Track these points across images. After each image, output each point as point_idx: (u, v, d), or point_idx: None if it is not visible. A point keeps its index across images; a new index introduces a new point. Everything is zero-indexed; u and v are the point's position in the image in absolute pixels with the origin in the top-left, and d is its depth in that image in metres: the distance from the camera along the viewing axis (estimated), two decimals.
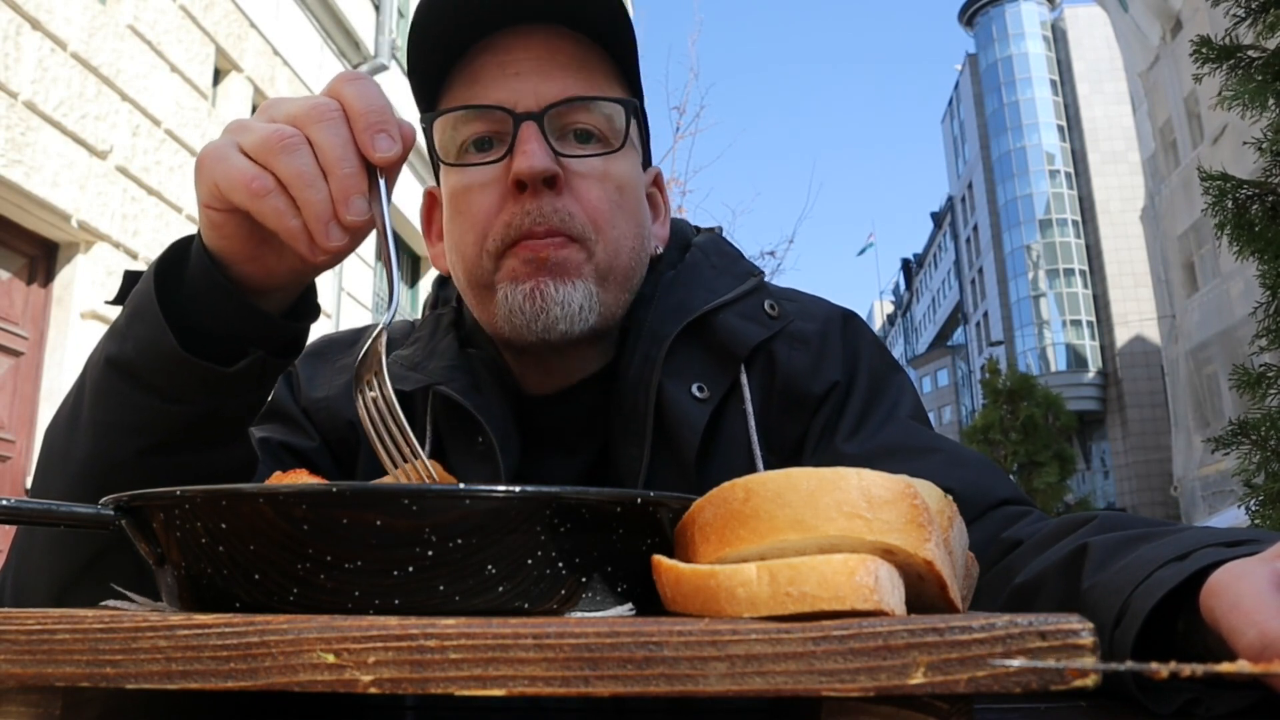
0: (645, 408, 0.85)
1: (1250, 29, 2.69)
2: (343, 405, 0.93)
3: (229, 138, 0.64)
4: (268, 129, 0.61)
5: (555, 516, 0.46)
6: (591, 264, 0.84)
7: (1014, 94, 47.09)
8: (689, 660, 0.38)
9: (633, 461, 0.86)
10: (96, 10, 5.53)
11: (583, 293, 0.82)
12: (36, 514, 0.54)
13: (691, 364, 0.88)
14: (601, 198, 0.84)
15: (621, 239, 0.86)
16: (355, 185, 0.61)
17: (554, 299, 0.81)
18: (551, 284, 0.81)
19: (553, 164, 0.81)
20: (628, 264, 0.87)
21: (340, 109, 0.62)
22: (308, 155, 0.60)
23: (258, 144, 0.61)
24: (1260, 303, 2.61)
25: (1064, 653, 0.36)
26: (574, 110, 0.84)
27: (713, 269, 0.94)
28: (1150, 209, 24.32)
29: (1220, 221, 2.60)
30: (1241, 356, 2.62)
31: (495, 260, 0.83)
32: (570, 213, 0.82)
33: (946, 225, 57.88)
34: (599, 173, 0.84)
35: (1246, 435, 2.47)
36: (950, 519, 0.50)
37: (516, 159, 0.80)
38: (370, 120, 0.61)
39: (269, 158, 0.61)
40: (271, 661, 0.39)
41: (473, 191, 0.84)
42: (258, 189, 0.60)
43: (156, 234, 6.00)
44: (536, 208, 0.81)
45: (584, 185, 0.83)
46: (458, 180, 0.85)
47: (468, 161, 0.84)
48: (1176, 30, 19.78)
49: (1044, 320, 45.24)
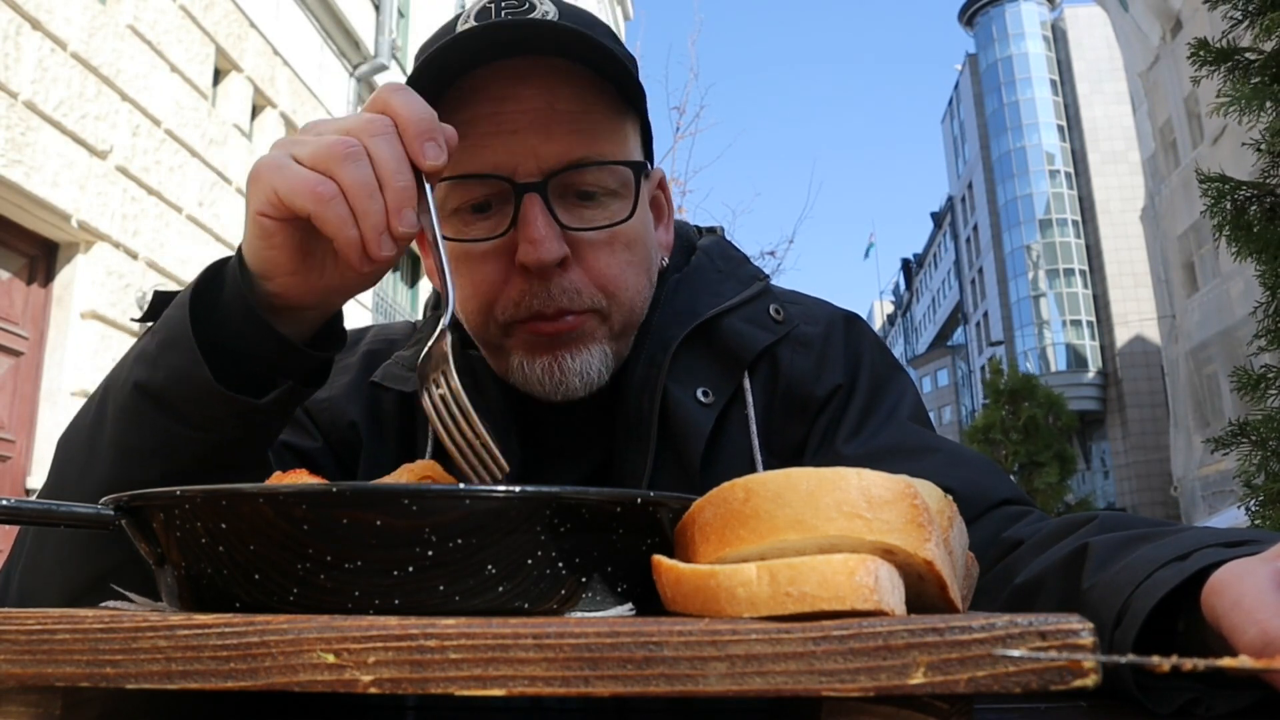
0: (650, 412, 0.85)
1: (1248, 31, 2.69)
2: (345, 406, 0.93)
3: (281, 151, 0.64)
4: (327, 139, 0.62)
5: (555, 517, 0.46)
6: (605, 327, 0.83)
7: (1014, 94, 47.08)
8: (689, 660, 0.38)
9: (636, 467, 0.85)
10: (96, 10, 5.53)
11: (599, 356, 0.82)
12: (36, 514, 0.54)
13: (697, 369, 0.87)
14: (611, 263, 0.83)
15: (634, 295, 0.85)
16: (409, 198, 0.62)
17: (572, 370, 0.81)
18: (568, 356, 0.81)
19: (560, 248, 0.79)
20: (640, 311, 0.87)
21: (392, 123, 0.62)
22: (368, 165, 0.61)
23: (319, 153, 0.62)
24: (1260, 303, 2.61)
25: (1064, 652, 0.36)
26: (578, 174, 0.81)
27: (718, 273, 0.94)
28: (1150, 209, 24.32)
29: (1218, 223, 2.60)
30: (1241, 356, 2.62)
31: (504, 329, 0.83)
32: (579, 290, 0.81)
33: (946, 225, 57.88)
34: (607, 238, 0.82)
35: (1246, 436, 2.47)
36: (950, 519, 0.50)
37: (522, 246, 0.78)
38: (420, 129, 0.62)
39: (331, 166, 0.61)
40: (271, 661, 0.39)
41: (475, 260, 0.82)
42: (323, 193, 0.61)
43: (156, 234, 6.00)
44: (545, 290, 0.79)
45: (592, 255, 0.82)
46: (459, 250, 0.82)
47: (469, 237, 0.82)
48: (1176, 30, 19.78)
49: (1044, 320, 45.23)
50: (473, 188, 0.81)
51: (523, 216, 0.78)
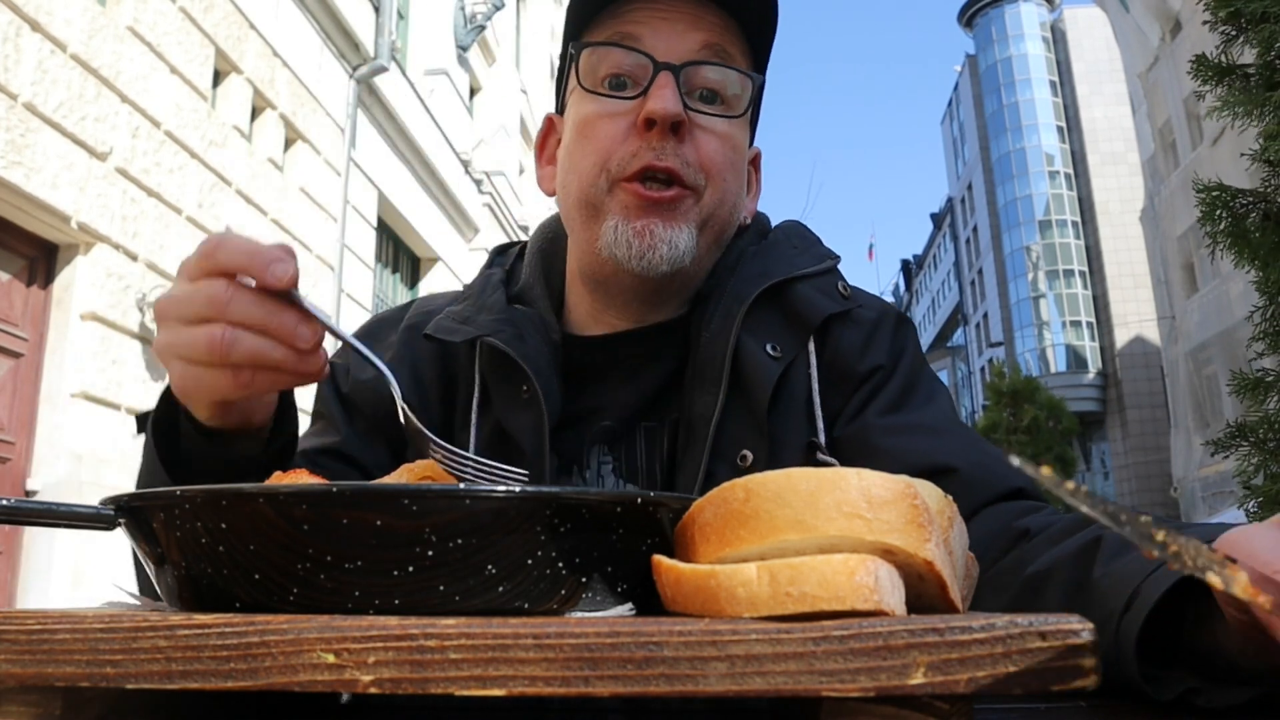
0: (723, 359, 0.91)
1: (1244, 46, 2.69)
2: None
3: (167, 353, 0.69)
4: (197, 337, 0.66)
5: (555, 517, 0.46)
6: (697, 209, 0.91)
7: (1013, 95, 47.10)
8: (689, 660, 0.38)
9: (706, 407, 0.91)
10: (96, 12, 5.54)
11: (686, 235, 0.90)
12: (37, 514, 0.54)
13: (768, 325, 0.94)
14: (717, 151, 0.91)
15: (726, 192, 0.93)
16: (291, 323, 0.66)
17: (661, 238, 0.88)
18: (660, 224, 0.88)
19: (682, 111, 0.88)
20: (726, 217, 0.95)
21: (228, 283, 0.66)
22: (247, 336, 0.65)
23: (202, 353, 0.66)
24: (1257, 307, 2.60)
25: (1064, 653, 0.37)
26: (707, 70, 0.91)
27: (793, 248, 1.02)
28: (1150, 210, 24.33)
29: (1211, 231, 2.60)
30: (1241, 358, 2.61)
31: (611, 184, 0.90)
32: (688, 160, 0.89)
33: (946, 226, 57.90)
34: (718, 130, 0.92)
35: (1245, 437, 2.47)
36: (950, 519, 0.50)
37: (651, 100, 0.87)
38: (256, 264, 0.65)
39: (218, 359, 0.66)
40: (271, 661, 0.39)
41: (603, 120, 0.91)
42: (240, 381, 0.67)
43: (156, 235, 6.00)
44: (661, 146, 0.88)
45: (703, 137, 0.91)
46: (592, 108, 0.92)
47: (604, 93, 0.91)
48: (1176, 31, 19.79)
49: (1044, 321, 45.22)
50: (617, 58, 0.91)
51: (655, 83, 0.88)
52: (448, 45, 11.32)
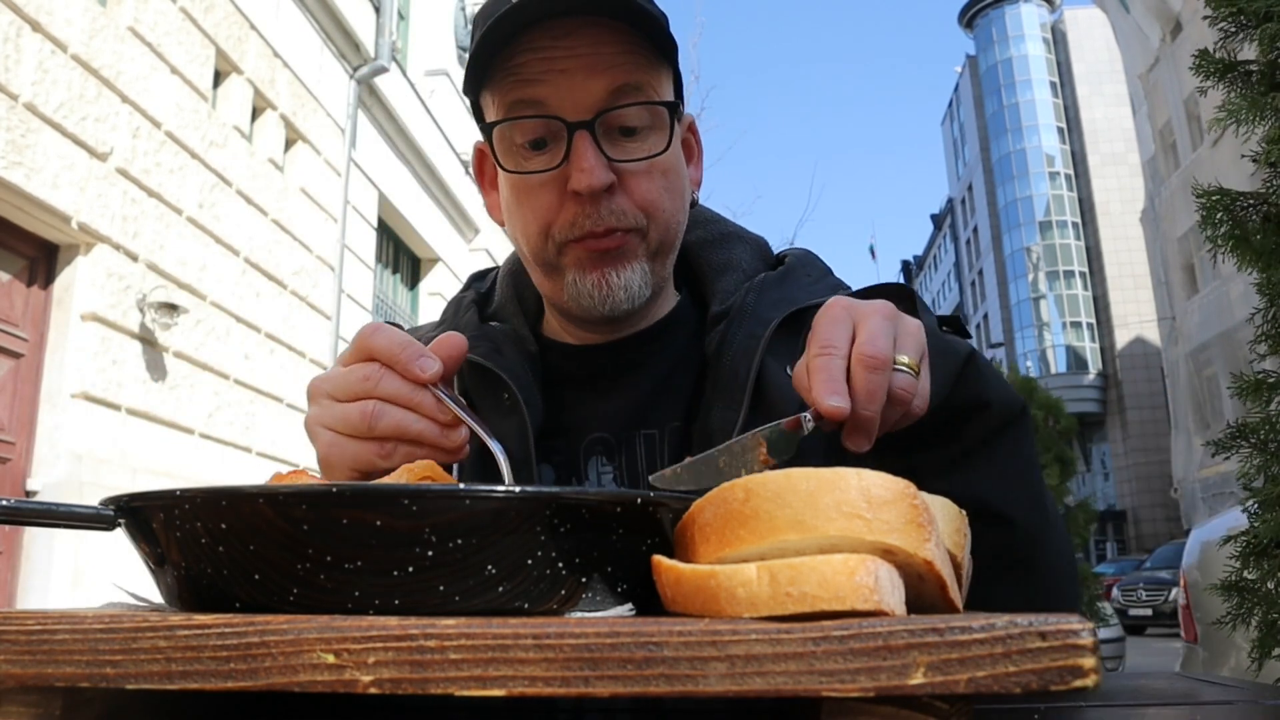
0: (746, 377, 0.95)
1: (1246, 43, 2.69)
2: None
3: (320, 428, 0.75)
4: (350, 409, 0.73)
5: (555, 517, 0.46)
6: (644, 245, 0.94)
7: (1014, 96, 47.11)
8: (689, 660, 0.37)
9: (726, 420, 0.94)
10: (97, 12, 5.54)
11: (640, 274, 0.94)
12: (37, 514, 0.54)
13: (788, 349, 0.97)
14: (651, 189, 0.94)
15: (670, 218, 0.96)
16: (431, 402, 0.72)
17: (617, 284, 0.93)
18: (614, 272, 0.93)
19: (607, 175, 0.90)
20: (674, 235, 0.98)
21: (381, 366, 0.73)
22: (392, 409, 0.72)
23: (349, 423, 0.73)
24: (1258, 308, 2.60)
25: (1064, 653, 0.37)
26: (622, 112, 0.92)
27: (808, 277, 1.05)
28: (1150, 211, 24.33)
29: (1211, 235, 2.60)
30: (1242, 359, 2.61)
31: (559, 248, 0.94)
32: (624, 210, 0.92)
33: (946, 227, 57.90)
34: (647, 168, 0.94)
35: (1246, 439, 2.46)
36: (964, 534, 0.53)
37: (574, 175, 0.89)
38: (406, 356, 0.72)
39: (364, 430, 0.72)
40: (271, 661, 0.39)
41: (534, 190, 0.93)
42: (384, 451, 0.73)
43: (156, 235, 6.00)
44: (595, 211, 0.91)
45: (635, 182, 0.93)
46: (520, 181, 0.94)
47: (526, 169, 0.93)
48: (1176, 32, 19.79)
49: (1044, 322, 45.24)
50: (529, 126, 0.92)
51: (575, 150, 0.89)
52: (448, 45, 11.33)
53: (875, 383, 0.66)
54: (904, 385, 0.68)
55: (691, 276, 1.08)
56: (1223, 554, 2.47)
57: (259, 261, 7.15)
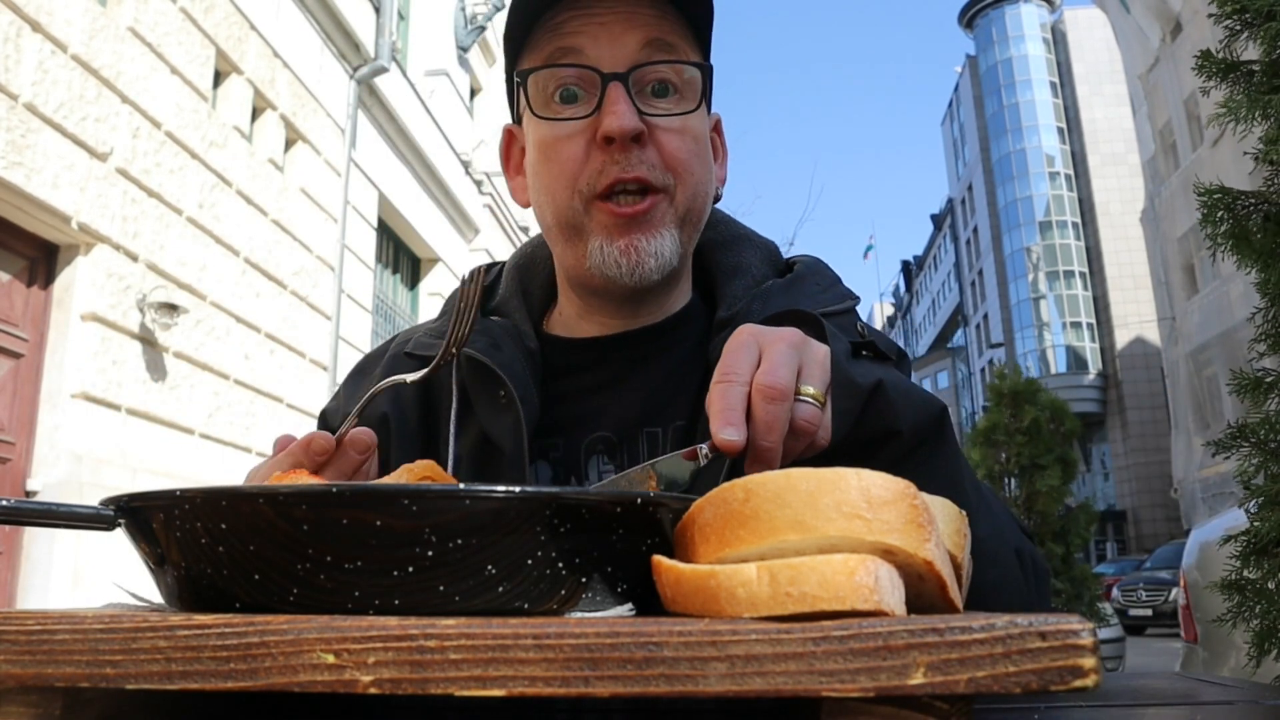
0: None
1: (1249, 41, 2.68)
2: (372, 410, 0.99)
3: None
4: None
5: (555, 517, 0.46)
6: (673, 209, 0.93)
7: (1014, 96, 47.11)
8: (689, 660, 0.37)
9: None
10: (97, 13, 5.54)
11: (670, 240, 0.92)
12: (37, 514, 0.54)
13: None
14: (680, 147, 0.92)
15: (697, 184, 0.94)
16: None
17: (647, 251, 0.91)
18: (643, 238, 0.91)
19: (639, 122, 0.89)
20: (701, 206, 0.97)
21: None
22: None
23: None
24: (1258, 308, 2.60)
25: (1064, 653, 0.37)
26: (655, 68, 0.92)
27: (817, 285, 1.04)
28: (1150, 211, 24.33)
29: (1212, 234, 2.60)
30: (1242, 358, 2.60)
31: (585, 204, 0.92)
32: (653, 163, 0.91)
33: (946, 227, 57.89)
34: (678, 126, 0.93)
35: (1246, 438, 2.46)
36: (965, 535, 0.53)
37: (606, 118, 0.88)
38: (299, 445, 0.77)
39: None
40: (271, 661, 0.39)
41: (562, 141, 0.92)
42: None
43: (156, 236, 6.00)
44: (625, 158, 0.89)
45: (665, 137, 0.92)
46: (549, 131, 0.93)
47: (558, 116, 0.92)
48: (1176, 32, 19.79)
49: (1044, 322, 45.24)
50: (563, 75, 0.92)
51: (608, 97, 0.89)
52: (448, 46, 11.32)
53: (773, 414, 0.64)
54: (807, 417, 0.67)
55: (702, 277, 1.07)
56: (1223, 554, 2.47)
57: (259, 261, 7.15)
